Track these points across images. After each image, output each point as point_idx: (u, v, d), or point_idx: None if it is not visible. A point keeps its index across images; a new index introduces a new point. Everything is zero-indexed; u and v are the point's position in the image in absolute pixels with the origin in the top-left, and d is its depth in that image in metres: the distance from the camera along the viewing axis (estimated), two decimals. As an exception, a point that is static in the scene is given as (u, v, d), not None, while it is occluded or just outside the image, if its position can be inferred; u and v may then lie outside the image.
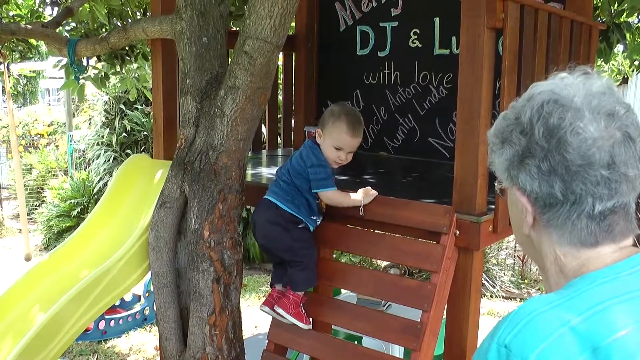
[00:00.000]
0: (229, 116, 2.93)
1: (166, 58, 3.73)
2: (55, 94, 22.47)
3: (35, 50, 6.36)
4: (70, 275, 3.38)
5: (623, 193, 1.10)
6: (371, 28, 4.61)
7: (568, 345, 0.99)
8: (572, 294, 1.07)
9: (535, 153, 1.11)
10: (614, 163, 1.07)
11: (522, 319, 1.04)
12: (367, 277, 3.02)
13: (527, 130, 1.12)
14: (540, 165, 1.11)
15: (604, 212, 1.10)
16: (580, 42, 3.38)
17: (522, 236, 1.23)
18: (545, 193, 1.12)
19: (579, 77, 1.14)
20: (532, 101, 1.14)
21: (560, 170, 1.09)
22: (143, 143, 9.98)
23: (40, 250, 9.41)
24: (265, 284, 7.83)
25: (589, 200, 1.10)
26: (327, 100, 4.87)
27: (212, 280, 3.01)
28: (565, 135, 1.07)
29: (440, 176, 3.30)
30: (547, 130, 1.09)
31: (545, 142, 1.09)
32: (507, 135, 1.16)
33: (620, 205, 1.11)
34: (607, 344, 0.98)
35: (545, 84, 1.15)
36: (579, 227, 1.12)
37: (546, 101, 1.11)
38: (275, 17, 2.77)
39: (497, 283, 7.74)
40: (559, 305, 1.05)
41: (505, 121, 1.18)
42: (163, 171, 3.43)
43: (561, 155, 1.08)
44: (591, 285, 1.07)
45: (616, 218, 1.12)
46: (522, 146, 1.13)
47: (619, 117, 1.08)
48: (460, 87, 2.67)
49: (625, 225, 1.13)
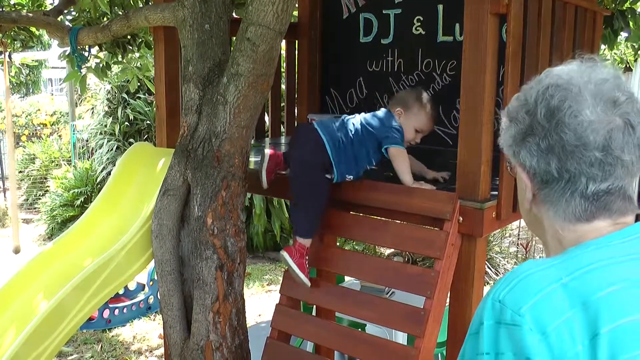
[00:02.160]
0: (232, 103, 2.92)
1: (168, 46, 3.73)
2: (58, 84, 22.46)
3: (37, 40, 6.33)
4: (73, 264, 3.38)
5: (618, 176, 1.16)
6: (374, 15, 4.59)
7: (559, 300, 1.05)
8: (565, 258, 1.14)
9: (536, 132, 1.18)
10: (609, 147, 1.13)
11: (517, 277, 1.11)
12: (370, 264, 3.01)
13: (532, 110, 1.19)
14: (539, 143, 1.18)
15: (597, 193, 1.17)
16: (585, 28, 3.36)
17: (526, 210, 1.30)
18: (543, 170, 1.20)
19: (586, 64, 1.20)
20: (539, 84, 1.21)
21: (557, 149, 1.16)
22: (146, 132, 9.98)
23: (44, 240, 9.43)
24: (269, 273, 7.86)
25: (582, 180, 1.16)
26: (330, 89, 4.86)
27: (216, 268, 3.01)
28: (564, 117, 1.14)
29: (444, 163, 3.29)
30: (549, 111, 1.16)
31: (546, 122, 1.17)
32: (515, 114, 1.24)
33: (616, 188, 1.17)
34: (596, 298, 1.04)
35: (555, 70, 1.22)
36: (572, 204, 1.19)
37: (551, 85, 1.18)
38: (277, 3, 2.75)
39: (500, 271, 7.75)
40: (553, 266, 1.12)
41: (517, 101, 1.25)
42: (166, 159, 3.43)
43: (559, 135, 1.15)
44: (585, 250, 1.14)
45: (612, 198, 1.18)
46: (526, 125, 1.21)
47: (619, 104, 1.14)
48: (463, 74, 2.66)
49: (624, 204, 1.19)
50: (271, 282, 7.54)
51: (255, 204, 8.15)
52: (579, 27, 3.26)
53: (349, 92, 4.74)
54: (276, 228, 8.24)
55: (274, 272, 7.85)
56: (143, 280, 6.81)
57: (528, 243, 7.92)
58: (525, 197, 1.27)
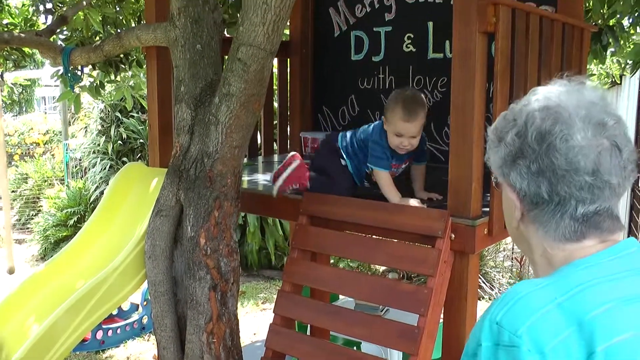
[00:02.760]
0: (224, 123, 2.93)
1: (161, 66, 3.74)
2: (52, 102, 22.44)
3: (30, 59, 6.34)
4: (66, 285, 3.37)
5: (605, 198, 1.19)
6: (365, 33, 4.62)
7: (555, 320, 1.07)
8: (558, 277, 1.16)
9: (527, 155, 1.20)
10: (599, 171, 1.15)
11: (513, 298, 1.13)
12: (363, 282, 3.01)
13: (522, 132, 1.21)
14: (530, 166, 1.20)
15: (586, 214, 1.19)
16: (572, 45, 3.39)
17: (513, 228, 1.33)
18: (533, 192, 1.22)
19: (575, 86, 1.23)
20: (529, 106, 1.22)
21: (547, 173, 1.18)
22: (139, 151, 9.97)
23: (37, 261, 9.38)
24: (264, 291, 7.83)
25: (572, 203, 1.19)
26: (322, 106, 4.88)
27: (209, 288, 3.01)
28: (555, 141, 1.16)
29: (436, 180, 3.30)
30: (539, 135, 1.18)
31: (537, 145, 1.18)
32: (504, 135, 1.25)
33: (603, 209, 1.20)
34: (590, 317, 1.06)
35: (543, 91, 1.24)
36: (562, 226, 1.21)
37: (541, 107, 1.20)
38: (268, 24, 2.77)
39: (495, 285, 7.74)
40: (546, 286, 1.14)
41: (505, 121, 1.27)
42: (159, 179, 3.43)
43: (549, 159, 1.17)
44: (576, 269, 1.16)
45: (601, 219, 1.20)
46: (516, 147, 1.22)
47: (608, 128, 1.16)
48: (453, 92, 2.68)
49: (612, 223, 1.22)
50: (266, 300, 7.52)
51: (250, 222, 8.14)
52: (566, 44, 3.29)
53: (341, 109, 4.76)
54: (270, 246, 8.23)
55: (268, 291, 7.83)
56: (137, 300, 6.78)
57: (522, 257, 7.93)
58: (513, 215, 1.29)
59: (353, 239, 3.05)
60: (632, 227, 7.32)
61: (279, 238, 8.28)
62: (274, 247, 8.28)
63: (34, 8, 5.27)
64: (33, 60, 12.32)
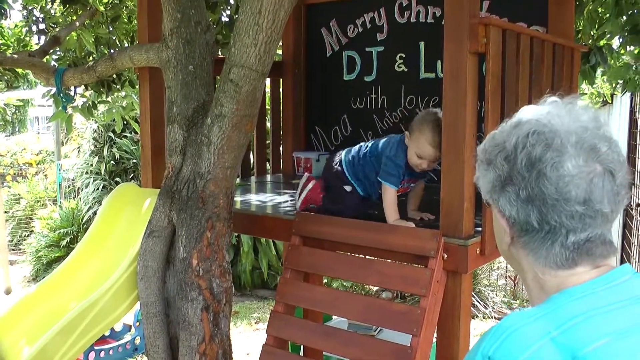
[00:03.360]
0: (216, 144, 2.94)
1: (153, 86, 3.75)
2: (45, 122, 22.42)
3: (23, 79, 6.36)
4: (58, 307, 3.36)
5: (597, 226, 1.15)
6: (357, 53, 4.64)
7: (549, 355, 1.04)
8: (551, 308, 1.12)
9: (516, 181, 1.16)
10: (590, 200, 1.11)
11: (505, 331, 1.09)
12: (356, 303, 3.01)
13: (511, 157, 1.16)
14: (519, 193, 1.16)
15: (577, 243, 1.15)
16: (563, 65, 3.42)
17: (504, 250, 1.29)
18: (522, 220, 1.18)
19: (565, 107, 1.18)
20: (518, 129, 1.18)
21: (537, 201, 1.14)
22: (132, 171, 9.96)
23: (29, 282, 9.33)
24: (257, 311, 7.80)
25: (562, 232, 1.15)
26: (315, 126, 4.89)
27: (201, 309, 3.00)
28: (545, 169, 1.12)
29: (428, 199, 3.31)
30: (529, 161, 1.13)
31: (526, 172, 1.14)
32: (493, 157, 1.21)
33: (595, 236, 1.16)
34: (585, 353, 1.03)
35: (532, 112, 1.19)
36: (553, 253, 1.17)
37: (531, 132, 1.15)
38: (260, 45, 2.79)
39: (489, 304, 7.73)
40: (540, 318, 1.10)
41: (494, 141, 1.22)
42: (151, 200, 3.43)
43: (539, 187, 1.13)
44: (569, 299, 1.12)
45: (593, 245, 1.16)
46: (505, 172, 1.17)
47: (600, 153, 1.12)
48: (444, 112, 2.70)
49: (604, 249, 1.17)
50: (259, 320, 7.48)
51: (243, 241, 8.12)
52: (557, 64, 3.32)
53: (334, 129, 4.78)
54: (264, 266, 8.20)
55: (262, 310, 7.79)
56: (129, 321, 6.74)
57: (516, 276, 7.92)
58: (503, 239, 1.26)
59: (346, 259, 3.05)
60: (624, 245, 7.33)
61: (273, 258, 8.26)
62: (268, 267, 8.26)
63: (27, 29, 5.28)
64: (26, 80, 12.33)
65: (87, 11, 4.75)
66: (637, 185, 6.76)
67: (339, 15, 4.70)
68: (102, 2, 5.13)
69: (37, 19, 5.09)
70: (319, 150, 4.85)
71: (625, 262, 7.11)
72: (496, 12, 3.89)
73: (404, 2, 4.36)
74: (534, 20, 3.74)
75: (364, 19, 4.57)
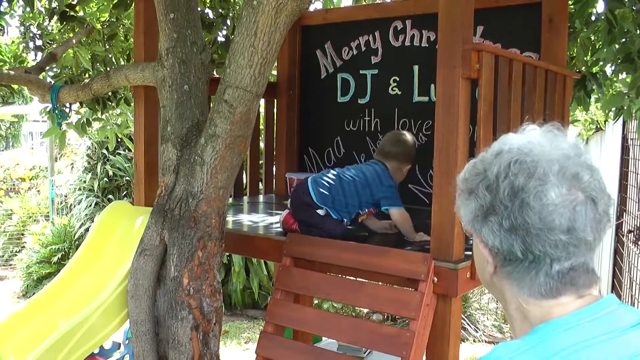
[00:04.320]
0: (209, 164, 2.95)
1: (148, 105, 3.77)
2: (38, 138, 22.40)
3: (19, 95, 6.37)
4: (47, 324, 3.34)
5: (580, 254, 1.14)
6: (352, 75, 4.68)
7: None
8: (537, 341, 1.11)
9: (499, 211, 1.14)
10: (574, 228, 1.11)
11: None
12: (346, 324, 3.01)
13: (493, 187, 1.15)
14: (502, 223, 1.14)
15: (561, 271, 1.14)
16: (555, 91, 3.45)
17: (486, 280, 1.27)
18: (506, 250, 1.16)
19: (546, 136, 1.17)
20: (500, 158, 1.16)
21: (521, 231, 1.12)
22: (125, 188, 9.95)
23: (19, 298, 9.27)
24: (248, 330, 7.77)
25: (547, 261, 1.14)
26: (308, 147, 4.91)
27: (191, 328, 3.00)
28: (528, 198, 1.11)
29: (420, 222, 3.32)
30: (512, 191, 1.12)
31: (509, 201, 1.13)
32: (474, 187, 1.19)
33: (579, 264, 1.15)
34: None
35: (514, 140, 1.18)
36: (537, 283, 1.16)
37: (513, 161, 1.14)
38: (255, 66, 2.81)
39: (479, 327, 7.72)
40: (526, 351, 1.09)
41: (475, 170, 1.21)
42: (144, 218, 3.43)
43: (522, 217, 1.11)
44: (555, 331, 1.11)
45: (576, 274, 1.15)
46: (487, 202, 1.16)
47: (583, 181, 1.12)
48: (436, 136, 2.72)
49: (587, 278, 1.17)
50: (249, 340, 7.45)
51: (234, 261, 8.11)
52: (549, 90, 3.35)
53: (327, 151, 4.80)
54: (255, 285, 8.19)
55: (252, 330, 7.76)
56: (119, 339, 6.70)
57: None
58: (485, 269, 1.24)
59: (336, 280, 3.06)
60: (615, 272, 7.34)
61: (264, 278, 8.25)
62: (258, 287, 8.24)
63: (24, 45, 5.30)
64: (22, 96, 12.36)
65: (84, 28, 4.77)
66: (628, 212, 6.78)
67: (334, 38, 4.74)
68: (99, 20, 5.16)
69: (34, 36, 5.12)
70: (312, 171, 4.87)
71: (617, 287, 7.12)
72: (490, 37, 3.94)
73: (398, 25, 4.41)
74: (527, 46, 3.79)
75: (358, 41, 4.61)
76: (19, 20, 5.16)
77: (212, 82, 3.38)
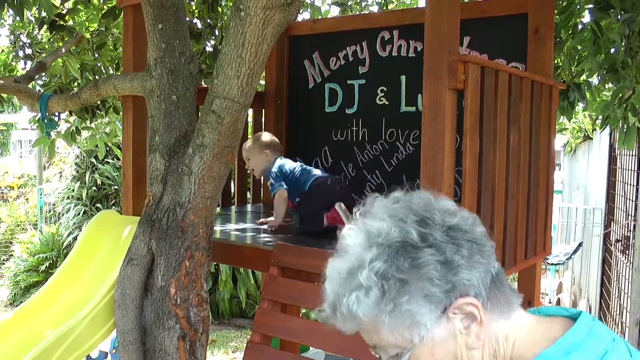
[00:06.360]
0: (197, 174, 2.96)
1: (137, 114, 3.77)
2: (27, 146, 22.33)
3: (8, 104, 6.35)
4: (34, 334, 3.33)
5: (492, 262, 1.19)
6: (339, 86, 4.69)
7: None
8: None
9: (446, 248, 1.14)
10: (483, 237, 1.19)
11: None
12: (333, 334, 2.98)
13: (424, 240, 1.16)
14: (458, 259, 1.15)
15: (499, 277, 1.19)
16: (541, 101, 3.48)
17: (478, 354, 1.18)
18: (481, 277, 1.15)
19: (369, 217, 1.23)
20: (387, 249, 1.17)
21: (476, 249, 1.17)
22: (114, 197, 9.92)
23: (6, 306, 9.23)
24: (235, 339, 7.76)
25: (493, 271, 1.18)
26: (296, 157, 4.91)
27: (178, 338, 3.00)
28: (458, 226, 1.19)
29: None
30: (448, 228, 1.17)
31: (445, 235, 1.16)
32: (407, 269, 1.14)
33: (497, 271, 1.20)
34: None
35: None
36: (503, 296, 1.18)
37: (401, 241, 1.15)
38: (242, 77, 2.82)
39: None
40: None
41: (395, 262, 1.15)
42: (131, 227, 3.43)
43: (458, 243, 1.15)
44: None
45: None
46: (435, 249, 1.14)
47: (434, 220, 1.19)
48: (423, 147, 2.74)
49: None
50: (236, 349, 7.44)
51: (222, 270, 8.10)
52: (535, 101, 3.38)
53: (315, 160, 4.81)
54: (242, 294, 8.18)
55: (239, 339, 7.75)
56: (106, 348, 6.66)
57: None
58: (473, 341, 1.15)
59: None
60: (604, 281, 7.38)
61: (251, 287, 8.24)
62: (246, 296, 8.23)
63: (13, 54, 5.29)
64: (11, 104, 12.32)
65: (74, 38, 4.78)
66: (616, 221, 6.83)
67: (322, 48, 4.76)
68: (88, 30, 5.17)
69: (23, 45, 5.12)
70: (300, 180, 4.87)
71: (605, 297, 7.16)
72: (476, 48, 3.96)
73: (386, 36, 4.43)
74: (514, 57, 3.81)
75: (346, 51, 4.63)
76: (9, 29, 5.16)
77: (200, 92, 3.39)
